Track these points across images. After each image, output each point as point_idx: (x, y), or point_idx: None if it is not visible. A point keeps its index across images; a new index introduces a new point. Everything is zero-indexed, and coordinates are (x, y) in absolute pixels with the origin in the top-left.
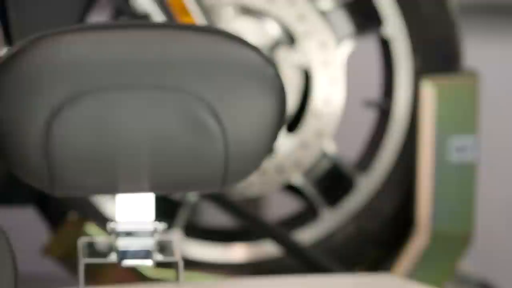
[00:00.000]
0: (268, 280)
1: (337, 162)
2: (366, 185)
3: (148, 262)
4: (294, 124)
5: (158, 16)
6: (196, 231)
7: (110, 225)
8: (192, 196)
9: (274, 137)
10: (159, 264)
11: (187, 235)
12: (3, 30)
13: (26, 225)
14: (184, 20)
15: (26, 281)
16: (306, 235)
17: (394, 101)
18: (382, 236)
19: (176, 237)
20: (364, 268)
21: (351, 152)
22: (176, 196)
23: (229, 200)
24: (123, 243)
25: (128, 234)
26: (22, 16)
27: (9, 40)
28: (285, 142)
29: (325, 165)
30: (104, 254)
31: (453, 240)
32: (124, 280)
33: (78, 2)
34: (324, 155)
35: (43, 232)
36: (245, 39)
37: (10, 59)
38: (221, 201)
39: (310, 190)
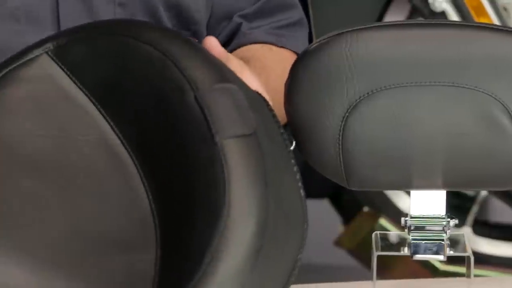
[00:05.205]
0: None
1: None
2: None
3: (440, 257)
4: None
5: (454, 15)
6: (486, 228)
7: (403, 219)
8: (482, 193)
9: None
10: (449, 259)
11: (477, 232)
12: None
13: (321, 217)
14: (480, 19)
15: (320, 272)
16: None
17: None
18: None
19: (467, 233)
20: None
21: None
22: (468, 192)
23: None
24: (415, 237)
25: (420, 228)
26: (323, 14)
27: (309, 37)
28: None
29: None
30: (396, 248)
31: None
32: (415, 274)
33: (377, 1)
34: None
35: (337, 225)
36: None
37: (310, 55)
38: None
39: None
